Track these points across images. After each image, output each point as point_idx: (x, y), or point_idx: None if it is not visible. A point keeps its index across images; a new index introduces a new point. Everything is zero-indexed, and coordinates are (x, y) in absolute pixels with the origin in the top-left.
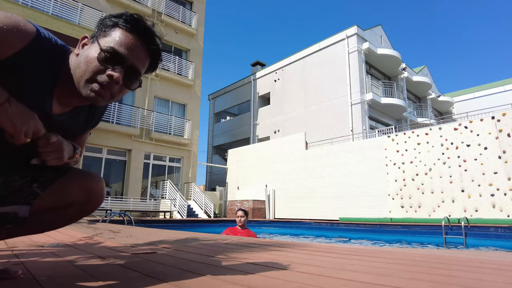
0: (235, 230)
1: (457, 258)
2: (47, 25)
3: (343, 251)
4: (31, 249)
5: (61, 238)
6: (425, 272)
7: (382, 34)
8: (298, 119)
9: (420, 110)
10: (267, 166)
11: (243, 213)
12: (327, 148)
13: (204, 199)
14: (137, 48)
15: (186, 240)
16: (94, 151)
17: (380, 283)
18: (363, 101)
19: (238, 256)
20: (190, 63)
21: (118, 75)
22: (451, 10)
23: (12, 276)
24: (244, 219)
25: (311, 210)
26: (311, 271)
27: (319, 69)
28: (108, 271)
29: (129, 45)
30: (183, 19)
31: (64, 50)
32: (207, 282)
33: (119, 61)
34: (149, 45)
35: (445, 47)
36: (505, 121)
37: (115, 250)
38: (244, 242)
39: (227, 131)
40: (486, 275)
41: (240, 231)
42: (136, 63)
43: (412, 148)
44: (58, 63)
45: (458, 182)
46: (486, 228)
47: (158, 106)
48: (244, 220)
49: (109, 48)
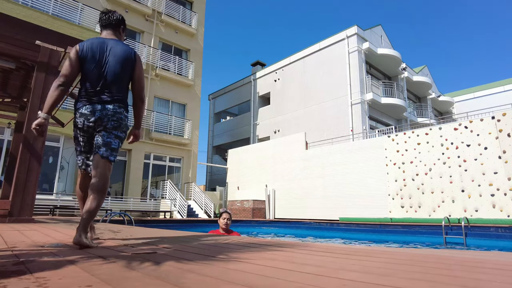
0: (219, 234)
1: (457, 258)
2: (47, 25)
3: (343, 251)
4: (31, 249)
5: (61, 238)
6: (425, 272)
7: (382, 34)
8: (298, 119)
9: (420, 110)
10: (267, 166)
11: (229, 216)
12: (327, 148)
13: (204, 199)
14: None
15: (187, 240)
16: None
17: (380, 283)
18: (363, 101)
19: (239, 256)
20: (190, 63)
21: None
22: (451, 10)
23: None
24: (230, 223)
25: (311, 210)
26: (311, 271)
27: (319, 69)
28: (108, 271)
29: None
30: (183, 19)
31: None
32: (207, 282)
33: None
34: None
35: (445, 47)
36: (505, 121)
37: (115, 250)
38: (244, 242)
39: (227, 131)
40: (486, 275)
41: (226, 235)
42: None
43: (412, 148)
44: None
45: (458, 182)
46: (486, 228)
47: (158, 106)
48: (229, 223)
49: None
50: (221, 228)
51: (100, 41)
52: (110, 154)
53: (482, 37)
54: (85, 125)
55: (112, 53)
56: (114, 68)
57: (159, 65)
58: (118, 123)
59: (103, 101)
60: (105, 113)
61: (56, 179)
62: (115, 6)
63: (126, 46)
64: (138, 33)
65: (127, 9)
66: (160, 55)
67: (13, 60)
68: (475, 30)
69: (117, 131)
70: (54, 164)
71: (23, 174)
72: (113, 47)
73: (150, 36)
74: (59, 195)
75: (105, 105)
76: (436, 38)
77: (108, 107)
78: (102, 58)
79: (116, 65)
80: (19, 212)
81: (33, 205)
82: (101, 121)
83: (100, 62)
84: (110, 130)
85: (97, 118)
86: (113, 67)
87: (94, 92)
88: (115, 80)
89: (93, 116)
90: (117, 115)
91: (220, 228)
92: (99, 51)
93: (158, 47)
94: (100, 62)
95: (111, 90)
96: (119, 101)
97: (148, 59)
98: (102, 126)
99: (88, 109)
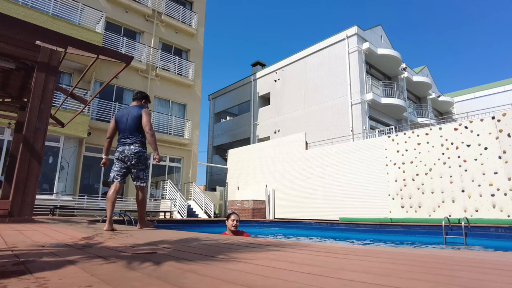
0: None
1: (457, 258)
2: (47, 25)
3: (343, 251)
4: (32, 249)
5: (61, 238)
6: (425, 272)
7: (382, 34)
8: (298, 119)
9: (420, 110)
10: (267, 166)
11: (237, 217)
12: (327, 148)
13: (204, 199)
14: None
15: (187, 240)
16: (94, 151)
17: (380, 283)
18: (363, 101)
19: (239, 256)
20: (190, 63)
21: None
22: (451, 10)
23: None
24: (238, 224)
25: (311, 210)
26: (311, 271)
27: (319, 69)
28: (109, 271)
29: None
30: (183, 19)
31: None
32: (207, 282)
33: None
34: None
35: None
36: (505, 121)
37: (115, 250)
38: (244, 242)
39: (227, 131)
40: (486, 275)
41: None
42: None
43: (412, 148)
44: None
45: (458, 182)
46: (486, 228)
47: (158, 106)
48: (238, 225)
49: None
50: (229, 231)
51: (124, 110)
52: (140, 183)
53: (482, 37)
54: (119, 157)
55: (130, 115)
56: (131, 123)
57: (159, 65)
58: (139, 159)
59: (127, 143)
60: (129, 152)
61: (56, 179)
62: (115, 6)
63: (138, 108)
64: (138, 33)
65: (127, 9)
66: (160, 55)
67: (13, 60)
68: (475, 30)
69: (140, 165)
70: (54, 164)
71: (23, 174)
72: (131, 111)
73: (150, 36)
74: (59, 195)
75: (129, 146)
76: (436, 38)
77: (131, 147)
78: (126, 119)
79: (131, 121)
80: (19, 212)
81: (33, 205)
82: (128, 158)
83: (124, 122)
84: (136, 166)
85: (125, 155)
86: (130, 122)
87: (122, 138)
88: (131, 130)
89: (123, 153)
90: (137, 154)
91: (228, 231)
92: (124, 115)
93: (158, 47)
94: (124, 122)
95: (130, 137)
96: (137, 142)
97: (148, 59)
98: (130, 162)
99: (120, 148)
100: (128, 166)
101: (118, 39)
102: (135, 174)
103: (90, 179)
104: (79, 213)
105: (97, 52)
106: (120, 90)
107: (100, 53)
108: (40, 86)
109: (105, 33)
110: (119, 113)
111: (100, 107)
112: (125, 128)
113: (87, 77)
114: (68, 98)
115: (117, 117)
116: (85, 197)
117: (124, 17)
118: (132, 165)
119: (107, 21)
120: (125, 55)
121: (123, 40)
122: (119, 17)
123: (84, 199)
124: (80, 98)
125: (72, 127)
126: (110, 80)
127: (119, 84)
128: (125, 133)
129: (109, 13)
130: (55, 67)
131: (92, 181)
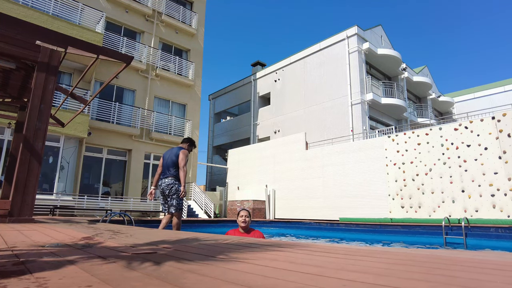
0: (239, 234)
1: (457, 258)
2: (47, 25)
3: (343, 251)
4: (32, 249)
5: (61, 238)
6: (425, 272)
7: (382, 34)
8: (299, 119)
9: (420, 110)
10: (267, 166)
11: (247, 213)
12: (327, 148)
13: (204, 199)
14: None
15: (187, 240)
16: (94, 151)
17: (380, 283)
18: (363, 101)
19: (239, 256)
20: (190, 63)
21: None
22: (451, 10)
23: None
24: (249, 220)
25: (311, 210)
26: (311, 271)
27: (319, 69)
28: (109, 271)
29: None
30: (183, 19)
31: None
32: (207, 282)
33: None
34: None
35: (445, 47)
36: (505, 122)
37: (115, 250)
38: (244, 242)
39: (227, 131)
40: (486, 275)
41: (245, 235)
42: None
43: (412, 148)
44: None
45: (459, 182)
46: (486, 229)
47: (158, 106)
48: (249, 221)
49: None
50: (241, 228)
51: (169, 150)
52: (175, 209)
53: (483, 37)
54: (160, 190)
55: (171, 153)
56: (170, 160)
57: (159, 65)
58: (171, 191)
59: (165, 177)
60: (165, 185)
61: (56, 179)
62: (116, 6)
63: (178, 148)
64: (138, 33)
65: (127, 9)
66: (160, 55)
67: (13, 60)
68: (475, 30)
69: (173, 195)
70: (54, 164)
71: (23, 174)
72: (173, 151)
73: (150, 36)
74: (59, 195)
75: (165, 179)
76: (436, 38)
77: (165, 180)
78: (167, 157)
79: (169, 159)
80: (19, 212)
81: (33, 205)
82: (163, 190)
83: (166, 159)
84: (171, 195)
85: (162, 187)
86: (169, 160)
87: (163, 173)
88: (169, 166)
89: (161, 186)
90: (169, 185)
91: (240, 228)
92: (167, 154)
93: (158, 47)
94: (166, 159)
95: (167, 172)
96: (172, 176)
97: (148, 59)
98: (165, 193)
99: (160, 182)
100: (165, 197)
101: (118, 39)
102: (170, 202)
103: (90, 179)
104: (79, 213)
105: (97, 52)
106: (120, 90)
107: (100, 53)
108: (40, 86)
109: (105, 33)
110: (166, 152)
111: (100, 107)
112: (165, 165)
113: (87, 77)
114: (68, 98)
115: (163, 156)
116: (85, 197)
117: (124, 17)
118: (166, 195)
119: (107, 21)
120: (125, 55)
121: (123, 40)
122: (119, 17)
123: (84, 199)
124: (80, 98)
125: (72, 127)
126: (110, 80)
127: (119, 84)
128: (165, 169)
129: (109, 13)
130: (55, 67)
131: (92, 181)
